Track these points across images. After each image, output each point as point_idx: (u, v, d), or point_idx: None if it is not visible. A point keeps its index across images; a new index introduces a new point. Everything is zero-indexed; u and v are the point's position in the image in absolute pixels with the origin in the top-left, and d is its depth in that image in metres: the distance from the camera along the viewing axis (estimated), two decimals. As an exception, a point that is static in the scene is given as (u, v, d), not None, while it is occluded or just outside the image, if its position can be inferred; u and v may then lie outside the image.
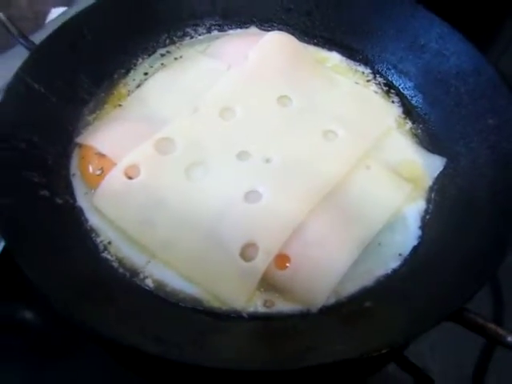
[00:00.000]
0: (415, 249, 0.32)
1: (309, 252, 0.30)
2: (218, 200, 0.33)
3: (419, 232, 0.33)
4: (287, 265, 0.30)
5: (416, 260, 0.31)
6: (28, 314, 0.35)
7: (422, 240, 0.32)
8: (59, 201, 0.33)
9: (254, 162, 0.35)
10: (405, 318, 0.26)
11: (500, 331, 0.23)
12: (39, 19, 0.66)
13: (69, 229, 0.32)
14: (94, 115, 0.39)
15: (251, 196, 0.33)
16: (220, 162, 0.35)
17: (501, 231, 0.28)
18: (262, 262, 0.30)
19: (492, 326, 0.23)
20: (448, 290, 0.26)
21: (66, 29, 0.39)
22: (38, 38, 0.39)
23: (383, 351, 0.24)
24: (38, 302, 0.34)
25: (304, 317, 0.29)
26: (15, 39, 0.38)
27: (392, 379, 0.33)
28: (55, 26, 0.39)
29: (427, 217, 0.34)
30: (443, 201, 0.34)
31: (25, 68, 0.35)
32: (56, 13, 0.65)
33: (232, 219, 0.32)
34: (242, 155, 0.35)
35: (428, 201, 0.35)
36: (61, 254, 0.29)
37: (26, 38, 0.38)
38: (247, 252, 0.30)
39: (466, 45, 0.37)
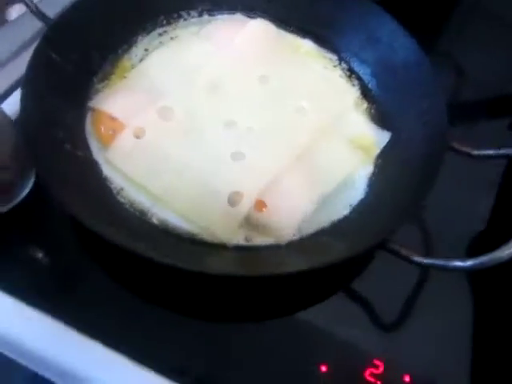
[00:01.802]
0: (362, 201, 0.41)
1: (280, 199, 0.39)
2: (210, 158, 0.40)
3: (366, 189, 0.42)
4: (264, 209, 0.39)
5: (362, 208, 0.40)
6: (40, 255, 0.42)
7: (368, 194, 0.42)
8: (80, 153, 0.40)
9: (238, 129, 0.43)
10: (347, 246, 0.36)
11: (409, 252, 0.33)
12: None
13: (89, 176, 0.39)
14: (103, 84, 0.45)
15: (236, 156, 0.41)
16: (211, 128, 0.42)
17: (419, 185, 0.38)
18: (244, 206, 0.38)
19: (403, 249, 0.33)
20: (380, 226, 0.36)
21: (78, 8, 0.45)
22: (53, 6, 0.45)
23: (330, 265, 0.33)
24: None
25: (275, 248, 0.38)
26: (33, 14, 0.44)
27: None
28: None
29: (373, 178, 0.43)
30: (386, 165, 0.43)
31: (45, 40, 0.42)
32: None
33: (221, 173, 0.40)
34: (229, 124, 0.43)
35: (375, 166, 0.44)
36: (83, 192, 0.37)
37: (44, 14, 0.44)
38: (233, 199, 0.38)
39: (411, 40, 0.46)
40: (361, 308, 0.41)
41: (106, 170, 0.40)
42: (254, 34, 0.49)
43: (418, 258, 0.33)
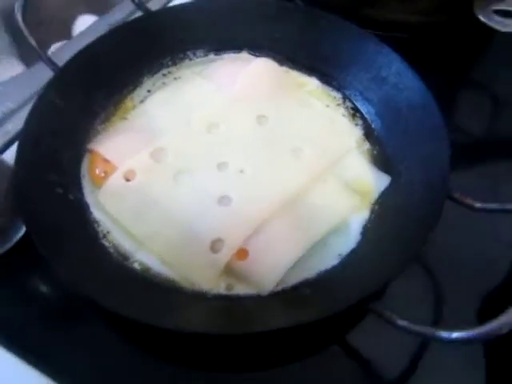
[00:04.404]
0: (353, 250, 0.39)
1: (264, 248, 0.37)
2: (197, 202, 0.40)
3: (359, 237, 0.40)
4: (246, 257, 0.37)
5: (352, 260, 0.38)
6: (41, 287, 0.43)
7: (360, 243, 0.39)
8: (71, 197, 0.40)
9: (230, 172, 0.42)
10: (330, 300, 0.34)
11: (392, 316, 0.30)
12: (67, 25, 0.75)
13: (76, 219, 0.39)
14: (103, 126, 0.46)
15: (223, 200, 0.40)
16: (203, 170, 0.42)
17: (418, 233, 0.35)
18: (225, 254, 0.37)
19: (387, 312, 0.30)
20: (366, 283, 0.33)
21: (84, 53, 0.47)
22: (66, 52, 0.47)
23: (311, 321, 0.31)
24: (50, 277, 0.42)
25: (255, 299, 0.36)
26: (41, 60, 0.46)
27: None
28: (82, 40, 0.48)
29: (368, 225, 0.40)
30: (383, 211, 0.41)
31: (50, 87, 0.44)
32: (83, 22, 0.74)
33: (206, 218, 0.39)
34: (222, 166, 0.42)
35: (371, 211, 0.41)
36: (68, 238, 0.37)
37: (51, 60, 0.46)
38: (215, 246, 0.38)
39: (418, 81, 0.43)
40: (358, 365, 0.39)
41: (96, 213, 0.41)
42: (256, 73, 0.49)
43: (402, 322, 0.30)
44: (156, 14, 0.52)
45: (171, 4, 0.63)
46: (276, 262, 0.37)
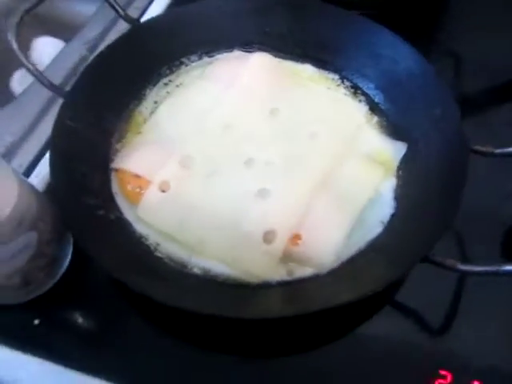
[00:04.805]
0: (392, 215, 0.42)
1: (314, 228, 0.39)
2: (236, 200, 0.41)
3: (394, 203, 0.42)
4: (299, 241, 0.39)
5: (394, 223, 0.41)
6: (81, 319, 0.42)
7: (397, 208, 0.42)
8: (112, 216, 0.41)
9: (258, 166, 0.43)
10: (390, 266, 0.36)
11: (454, 263, 0.33)
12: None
13: (125, 237, 0.40)
14: (121, 143, 0.46)
15: (262, 193, 0.41)
16: (231, 169, 0.43)
17: (450, 192, 0.38)
18: (280, 243, 0.39)
19: (449, 260, 0.33)
20: (420, 240, 0.36)
21: (87, 73, 0.46)
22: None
23: (378, 290, 0.33)
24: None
25: (318, 278, 0.38)
26: (47, 88, 0.45)
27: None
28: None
29: (398, 190, 0.43)
30: (408, 176, 0.44)
31: (62, 112, 0.43)
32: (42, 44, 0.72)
33: (251, 214, 0.40)
34: (249, 162, 0.44)
35: (397, 178, 0.44)
36: (123, 256, 0.38)
37: (55, 86, 0.45)
38: (268, 237, 0.39)
39: (413, 51, 0.47)
40: (410, 320, 0.41)
41: (140, 228, 0.41)
42: (257, 68, 0.50)
43: (465, 267, 0.33)
44: (144, 25, 0.52)
45: (149, 11, 0.63)
46: (329, 239, 0.39)
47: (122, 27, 0.64)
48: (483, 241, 0.43)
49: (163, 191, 0.42)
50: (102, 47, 0.61)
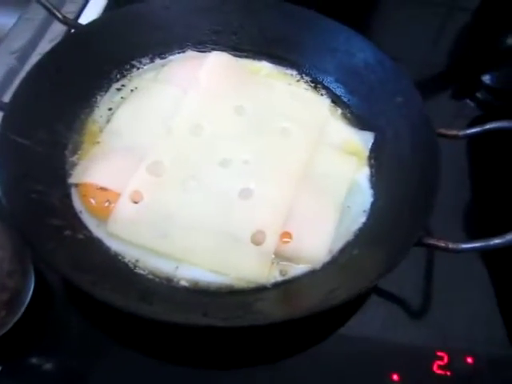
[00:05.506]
0: (373, 203, 0.42)
1: (303, 225, 0.38)
2: (218, 203, 0.39)
3: (371, 191, 0.43)
4: (289, 239, 0.38)
5: (376, 211, 0.41)
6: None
7: (375, 196, 0.42)
8: (80, 236, 0.36)
9: (235, 166, 0.41)
10: (383, 255, 0.36)
11: (445, 243, 0.33)
12: None
13: (98, 256, 0.36)
14: (77, 156, 0.42)
15: (244, 193, 0.39)
16: (207, 172, 0.41)
17: (427, 174, 0.39)
18: (271, 243, 0.37)
19: (442, 241, 0.34)
20: (406, 226, 0.37)
21: (27, 83, 0.41)
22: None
23: (375, 283, 0.33)
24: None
25: (312, 274, 0.37)
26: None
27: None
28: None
29: (373, 178, 0.44)
30: (380, 164, 0.44)
31: (5, 126, 0.38)
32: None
33: (235, 215, 0.38)
34: (224, 162, 0.42)
35: (370, 167, 0.44)
36: (101, 276, 0.34)
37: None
38: (256, 238, 0.37)
39: (367, 43, 0.48)
40: (396, 306, 0.41)
41: (114, 245, 0.37)
42: (215, 68, 0.48)
43: (455, 246, 0.34)
44: (86, 28, 0.48)
45: (85, 12, 0.58)
46: (320, 232, 0.38)
47: (54, 34, 0.60)
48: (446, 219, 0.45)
49: (135, 202, 0.38)
50: (34, 56, 0.56)
